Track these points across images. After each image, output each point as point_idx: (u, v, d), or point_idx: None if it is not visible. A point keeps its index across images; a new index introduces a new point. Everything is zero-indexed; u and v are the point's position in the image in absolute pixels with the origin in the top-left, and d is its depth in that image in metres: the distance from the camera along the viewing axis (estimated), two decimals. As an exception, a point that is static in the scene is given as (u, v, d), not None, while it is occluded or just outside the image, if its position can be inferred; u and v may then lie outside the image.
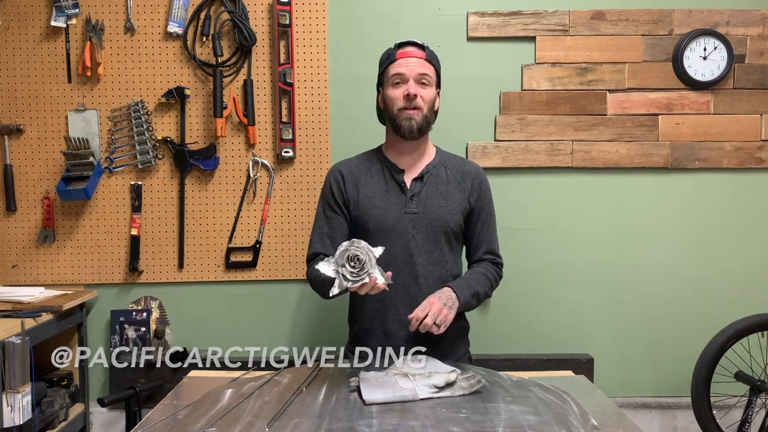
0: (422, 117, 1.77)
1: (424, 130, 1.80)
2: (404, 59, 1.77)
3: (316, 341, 2.56)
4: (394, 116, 1.79)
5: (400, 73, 1.76)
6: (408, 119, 1.76)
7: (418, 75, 1.76)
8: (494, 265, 1.88)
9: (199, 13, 2.44)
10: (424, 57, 1.78)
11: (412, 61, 1.77)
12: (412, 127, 1.77)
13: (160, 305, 2.53)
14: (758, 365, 2.43)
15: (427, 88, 1.78)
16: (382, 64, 1.83)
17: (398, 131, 1.79)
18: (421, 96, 1.76)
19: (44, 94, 2.46)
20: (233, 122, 2.47)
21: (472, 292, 1.74)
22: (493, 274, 1.86)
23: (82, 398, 2.49)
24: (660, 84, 2.49)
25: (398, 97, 1.77)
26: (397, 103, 1.77)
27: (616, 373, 2.56)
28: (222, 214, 2.50)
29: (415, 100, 1.75)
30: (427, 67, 1.78)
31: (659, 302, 2.55)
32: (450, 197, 1.83)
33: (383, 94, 1.83)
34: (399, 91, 1.77)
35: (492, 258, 1.88)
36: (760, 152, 2.51)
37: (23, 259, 2.50)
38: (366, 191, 1.84)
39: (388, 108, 1.81)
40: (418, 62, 1.77)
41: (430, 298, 1.68)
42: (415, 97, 1.75)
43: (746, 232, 2.55)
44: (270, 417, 1.33)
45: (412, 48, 1.79)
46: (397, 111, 1.77)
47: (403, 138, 1.79)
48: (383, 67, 1.82)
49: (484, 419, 1.32)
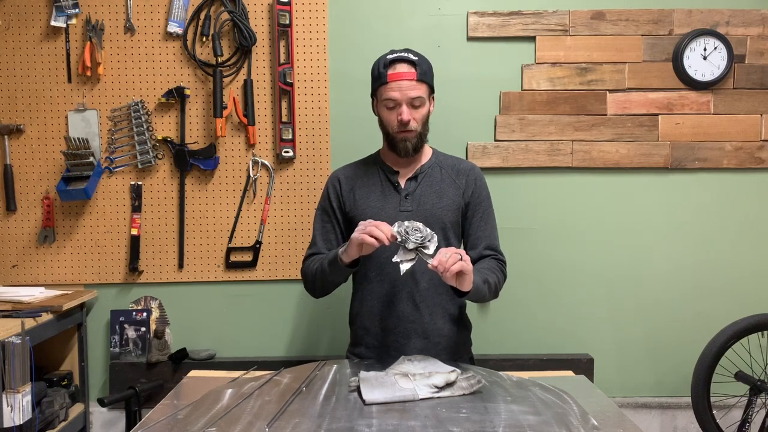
0: (416, 136, 1.80)
1: (419, 147, 1.83)
2: (396, 83, 1.74)
3: (315, 341, 2.56)
4: (390, 136, 1.82)
5: (393, 98, 1.76)
6: (403, 140, 1.79)
7: (410, 99, 1.75)
8: (498, 263, 1.85)
9: (199, 13, 2.44)
10: (415, 78, 1.75)
11: (404, 84, 1.74)
12: (408, 148, 1.80)
13: (160, 305, 2.53)
14: (758, 365, 2.43)
15: (420, 109, 1.78)
16: (374, 81, 1.82)
17: (394, 150, 1.82)
18: (414, 118, 1.77)
19: (44, 94, 2.46)
20: (233, 122, 2.47)
21: (483, 278, 1.69)
22: (500, 273, 1.82)
23: (82, 398, 2.49)
24: (660, 84, 2.49)
25: (392, 121, 1.78)
26: (392, 126, 1.79)
27: (616, 373, 2.56)
28: (222, 214, 2.50)
29: (408, 125, 1.76)
30: (419, 89, 1.76)
31: (659, 302, 2.55)
32: (444, 194, 1.84)
33: (378, 109, 1.85)
34: (393, 116, 1.78)
35: (494, 254, 1.86)
36: (760, 152, 2.51)
37: (23, 259, 2.50)
38: (362, 193, 1.86)
39: (383, 125, 1.84)
40: (410, 85, 1.74)
41: (453, 248, 1.61)
42: (409, 122, 1.76)
43: (746, 232, 2.55)
44: (270, 417, 1.33)
45: (404, 67, 1.75)
46: (392, 132, 1.80)
47: (399, 156, 1.83)
48: (375, 85, 1.82)
49: (484, 419, 1.32)
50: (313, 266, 1.82)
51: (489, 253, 1.86)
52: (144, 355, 2.48)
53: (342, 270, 1.72)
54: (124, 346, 2.50)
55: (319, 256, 1.84)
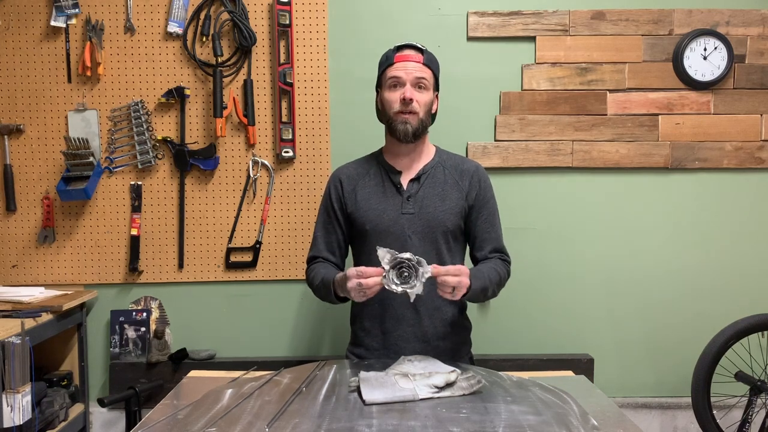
0: (418, 121, 1.77)
1: (420, 134, 1.80)
2: (402, 63, 1.77)
3: (315, 341, 2.56)
4: (391, 119, 1.79)
5: (397, 76, 1.76)
6: (404, 123, 1.77)
7: (415, 79, 1.76)
8: (503, 263, 1.85)
9: (199, 13, 2.44)
10: (422, 61, 1.78)
11: (409, 65, 1.76)
12: (408, 131, 1.77)
13: (160, 305, 2.53)
14: (758, 365, 2.43)
15: (423, 92, 1.78)
16: (381, 66, 1.84)
17: (394, 134, 1.80)
18: (417, 100, 1.76)
19: (44, 94, 2.46)
20: (233, 122, 2.47)
21: (483, 286, 1.69)
22: (504, 273, 1.82)
23: (82, 398, 2.49)
24: (660, 84, 2.49)
25: (395, 101, 1.77)
26: (394, 106, 1.77)
27: (616, 373, 2.56)
28: (222, 214, 2.50)
29: (411, 104, 1.75)
30: (424, 71, 1.78)
31: (659, 302, 2.55)
32: (447, 197, 1.82)
33: (381, 96, 1.83)
34: (396, 95, 1.77)
35: (500, 255, 1.86)
36: (760, 152, 2.51)
37: (23, 259, 2.50)
38: (363, 194, 1.85)
39: (385, 110, 1.81)
40: (416, 66, 1.77)
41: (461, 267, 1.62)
42: (411, 101, 1.74)
43: (746, 232, 2.55)
44: (270, 417, 1.33)
45: (410, 51, 1.79)
46: (393, 114, 1.78)
47: (399, 141, 1.80)
48: (381, 70, 1.83)
49: (484, 419, 1.32)
50: (315, 281, 1.82)
51: (495, 255, 1.86)
52: (144, 355, 2.48)
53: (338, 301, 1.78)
54: (124, 346, 2.50)
55: (318, 270, 1.83)
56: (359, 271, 1.58)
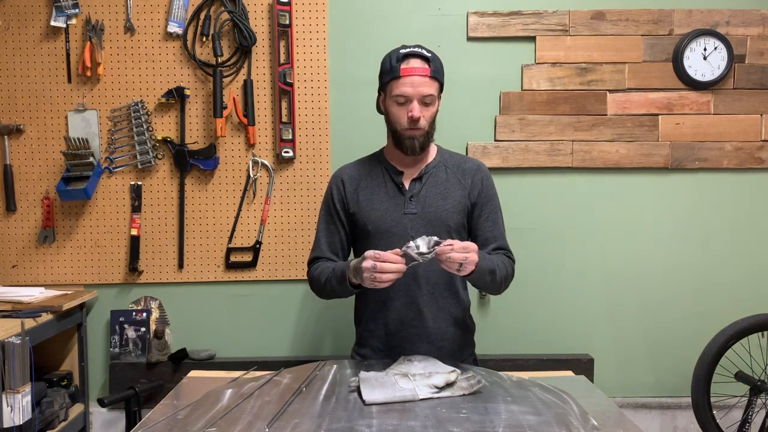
0: (424, 135, 1.76)
1: (426, 146, 1.80)
2: (408, 78, 1.71)
3: (315, 341, 2.56)
4: (398, 133, 1.77)
5: (405, 93, 1.72)
6: (411, 139, 1.76)
7: (422, 96, 1.72)
8: (509, 260, 1.83)
9: (199, 13, 2.44)
10: (428, 74, 1.72)
11: (416, 80, 1.71)
12: (415, 146, 1.76)
13: (160, 305, 2.53)
14: (758, 365, 2.43)
15: (430, 107, 1.75)
16: (385, 75, 1.77)
17: (401, 148, 1.79)
18: (424, 116, 1.74)
19: (44, 94, 2.46)
20: (233, 122, 2.47)
21: (490, 267, 1.68)
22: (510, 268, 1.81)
23: (82, 398, 2.49)
24: (660, 84, 2.49)
25: (402, 117, 1.74)
26: (401, 123, 1.75)
27: (616, 373, 2.56)
28: (222, 214, 2.50)
29: (418, 122, 1.73)
30: (432, 87, 1.73)
31: (659, 302, 2.55)
32: (449, 196, 1.82)
33: (386, 106, 1.80)
34: (403, 112, 1.74)
35: (505, 253, 1.84)
36: (760, 152, 2.51)
37: (23, 259, 2.50)
38: (366, 194, 1.84)
39: (390, 122, 1.79)
40: (423, 81, 1.72)
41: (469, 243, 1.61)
42: (419, 119, 1.73)
43: (746, 232, 2.55)
44: (270, 417, 1.33)
45: (417, 63, 1.73)
46: (401, 130, 1.76)
47: (405, 155, 1.80)
48: (386, 80, 1.76)
49: (484, 419, 1.32)
50: (321, 278, 1.78)
51: (499, 252, 1.83)
52: (144, 356, 2.48)
53: (350, 290, 1.74)
54: (124, 346, 2.50)
55: (326, 265, 1.81)
56: (377, 254, 1.57)
